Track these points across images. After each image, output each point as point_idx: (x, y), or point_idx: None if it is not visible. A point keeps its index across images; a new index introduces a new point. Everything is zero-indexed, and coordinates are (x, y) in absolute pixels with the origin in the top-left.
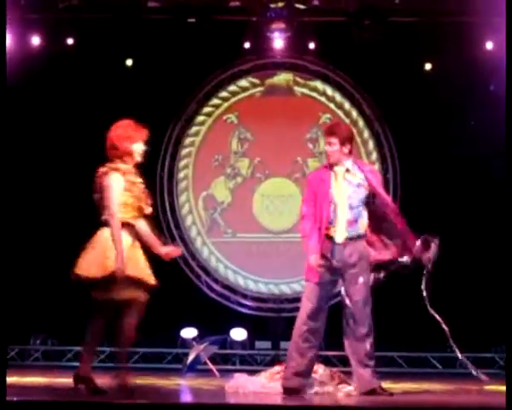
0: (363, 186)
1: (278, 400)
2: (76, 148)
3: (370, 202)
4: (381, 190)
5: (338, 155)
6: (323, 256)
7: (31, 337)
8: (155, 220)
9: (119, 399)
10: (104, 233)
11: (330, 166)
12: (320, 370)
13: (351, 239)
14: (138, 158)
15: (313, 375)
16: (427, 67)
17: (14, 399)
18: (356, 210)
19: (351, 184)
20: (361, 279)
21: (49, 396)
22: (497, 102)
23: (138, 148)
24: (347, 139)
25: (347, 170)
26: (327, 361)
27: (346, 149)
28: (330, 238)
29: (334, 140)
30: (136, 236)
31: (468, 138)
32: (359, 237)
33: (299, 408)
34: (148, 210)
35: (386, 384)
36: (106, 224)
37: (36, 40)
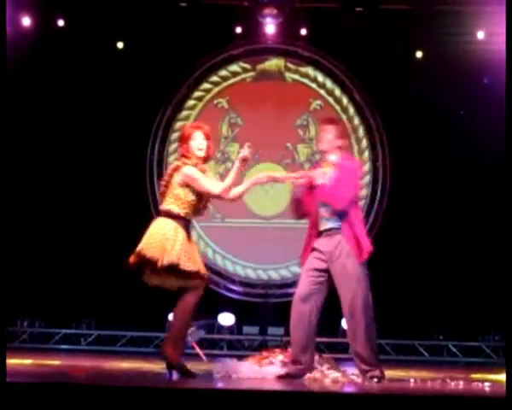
0: None
1: (271, 385)
2: (67, 129)
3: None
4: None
5: (328, 145)
6: (313, 247)
7: (18, 319)
8: (144, 204)
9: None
10: (162, 225)
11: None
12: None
13: (329, 231)
14: (199, 153)
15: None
16: (418, 54)
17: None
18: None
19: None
20: (346, 270)
21: (35, 378)
22: (489, 91)
23: (196, 144)
24: (342, 134)
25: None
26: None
27: (338, 142)
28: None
29: (330, 128)
30: (190, 230)
31: (458, 126)
32: (337, 230)
33: (288, 394)
34: (203, 213)
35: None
36: (166, 214)
37: (26, 21)
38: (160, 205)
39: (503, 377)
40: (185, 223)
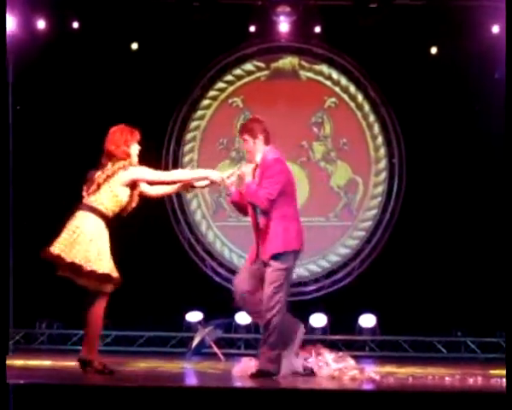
0: None
1: (288, 383)
2: (81, 132)
3: None
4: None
5: (253, 153)
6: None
7: (36, 321)
8: (160, 204)
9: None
10: (87, 222)
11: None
12: (326, 353)
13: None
14: (135, 159)
15: (320, 358)
16: (433, 50)
17: (21, 382)
18: None
19: None
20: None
21: (54, 379)
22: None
23: (135, 149)
24: (257, 131)
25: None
26: (332, 345)
27: (258, 142)
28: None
29: (245, 138)
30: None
31: (473, 123)
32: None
33: (307, 392)
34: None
35: (391, 369)
36: (91, 210)
37: (41, 23)
38: (87, 199)
39: None
40: (108, 223)
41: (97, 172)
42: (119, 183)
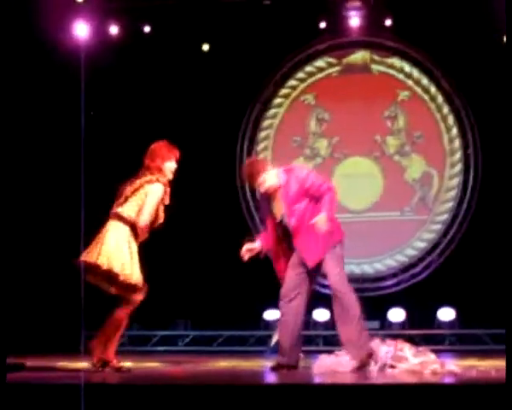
0: None
1: (367, 378)
2: (156, 135)
3: None
4: None
5: (267, 186)
6: None
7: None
8: (236, 203)
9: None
10: (119, 232)
11: None
12: (406, 348)
13: None
14: (170, 176)
15: (399, 353)
16: (505, 38)
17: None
18: None
19: None
20: None
21: (137, 380)
22: None
23: (171, 166)
24: (257, 172)
25: None
26: (411, 340)
27: (266, 177)
28: None
29: (254, 183)
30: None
31: None
32: None
33: (388, 387)
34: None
35: (472, 362)
36: (121, 219)
37: (114, 29)
38: (119, 207)
39: None
40: (136, 235)
41: (128, 183)
42: (144, 195)
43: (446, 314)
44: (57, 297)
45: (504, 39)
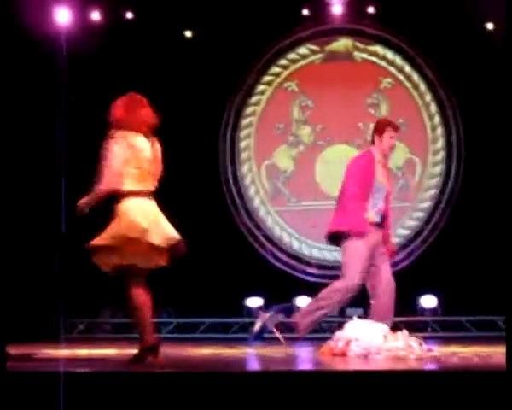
0: None
1: (349, 365)
2: None
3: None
4: None
5: None
6: None
7: (100, 311)
8: (218, 191)
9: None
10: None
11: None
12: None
13: None
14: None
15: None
16: (489, 26)
17: (85, 370)
18: None
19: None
20: None
21: (118, 367)
22: None
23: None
24: None
25: None
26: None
27: None
28: None
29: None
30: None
31: None
32: None
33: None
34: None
35: (455, 348)
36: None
37: (95, 15)
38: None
39: None
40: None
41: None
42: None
43: (429, 301)
44: (36, 284)
45: (488, 27)
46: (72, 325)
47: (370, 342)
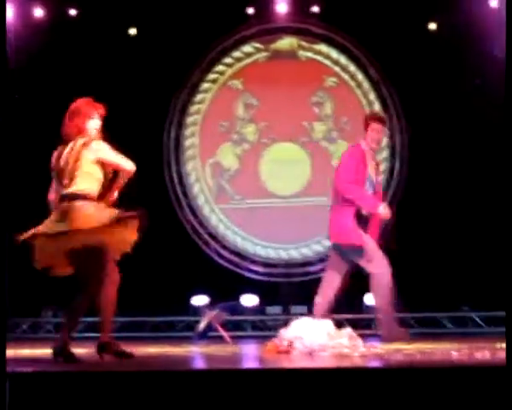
0: None
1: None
2: None
3: None
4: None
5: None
6: None
7: (42, 310)
8: (163, 189)
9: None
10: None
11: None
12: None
13: None
14: (94, 134)
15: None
16: (432, 26)
17: (29, 370)
18: None
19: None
20: None
21: (60, 367)
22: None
23: (94, 124)
24: None
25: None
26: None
27: None
28: None
29: (385, 129)
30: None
31: (473, 98)
32: None
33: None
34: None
35: (398, 345)
36: (81, 197)
37: (38, 12)
38: (69, 188)
39: None
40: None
41: (60, 161)
42: (88, 161)
43: (372, 299)
44: None
45: (430, 27)
46: (15, 324)
47: (315, 340)
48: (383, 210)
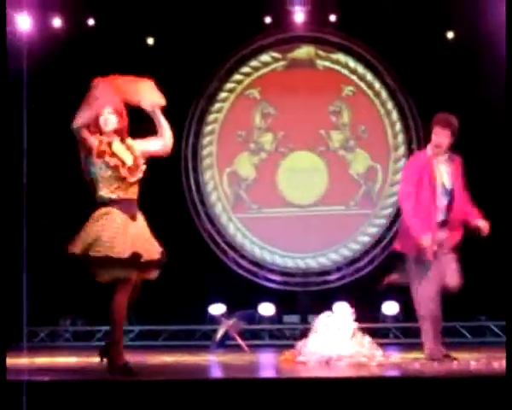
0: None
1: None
2: None
3: None
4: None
5: (447, 147)
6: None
7: (60, 319)
8: (181, 199)
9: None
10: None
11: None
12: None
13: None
14: (106, 128)
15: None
16: (450, 35)
17: (46, 379)
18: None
19: (447, 173)
20: None
21: (79, 376)
22: None
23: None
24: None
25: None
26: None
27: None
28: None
29: (449, 132)
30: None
31: (491, 107)
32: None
33: (334, 381)
34: (132, 179)
35: (416, 354)
36: (101, 202)
37: (57, 22)
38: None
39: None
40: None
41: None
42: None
43: (390, 308)
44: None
45: (449, 35)
46: (33, 333)
47: (332, 349)
48: (426, 241)
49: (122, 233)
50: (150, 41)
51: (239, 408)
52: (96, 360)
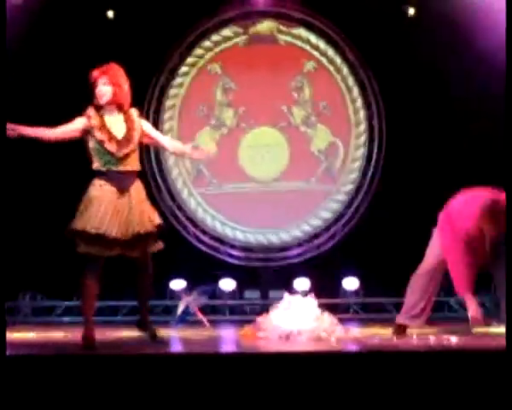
0: None
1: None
2: (59, 103)
3: None
4: None
5: None
6: None
7: (19, 294)
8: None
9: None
10: (93, 190)
11: None
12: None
13: None
14: (98, 100)
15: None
16: (411, 11)
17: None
18: None
19: None
20: None
21: (39, 351)
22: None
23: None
24: None
25: None
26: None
27: None
28: None
29: None
30: (122, 184)
31: (452, 83)
32: None
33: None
34: (120, 153)
35: (375, 330)
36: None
37: None
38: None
39: (502, 329)
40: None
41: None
42: None
43: (351, 283)
44: None
45: (410, 11)
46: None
47: (292, 324)
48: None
49: (103, 210)
50: (110, 14)
51: (199, 383)
52: (55, 334)
